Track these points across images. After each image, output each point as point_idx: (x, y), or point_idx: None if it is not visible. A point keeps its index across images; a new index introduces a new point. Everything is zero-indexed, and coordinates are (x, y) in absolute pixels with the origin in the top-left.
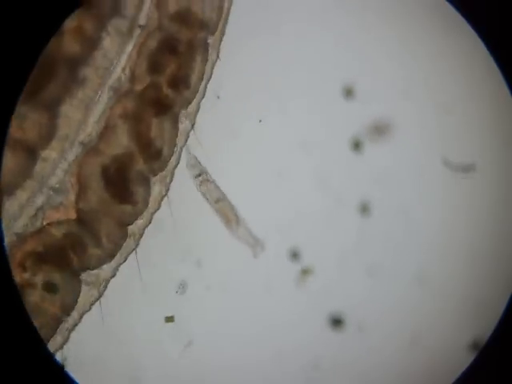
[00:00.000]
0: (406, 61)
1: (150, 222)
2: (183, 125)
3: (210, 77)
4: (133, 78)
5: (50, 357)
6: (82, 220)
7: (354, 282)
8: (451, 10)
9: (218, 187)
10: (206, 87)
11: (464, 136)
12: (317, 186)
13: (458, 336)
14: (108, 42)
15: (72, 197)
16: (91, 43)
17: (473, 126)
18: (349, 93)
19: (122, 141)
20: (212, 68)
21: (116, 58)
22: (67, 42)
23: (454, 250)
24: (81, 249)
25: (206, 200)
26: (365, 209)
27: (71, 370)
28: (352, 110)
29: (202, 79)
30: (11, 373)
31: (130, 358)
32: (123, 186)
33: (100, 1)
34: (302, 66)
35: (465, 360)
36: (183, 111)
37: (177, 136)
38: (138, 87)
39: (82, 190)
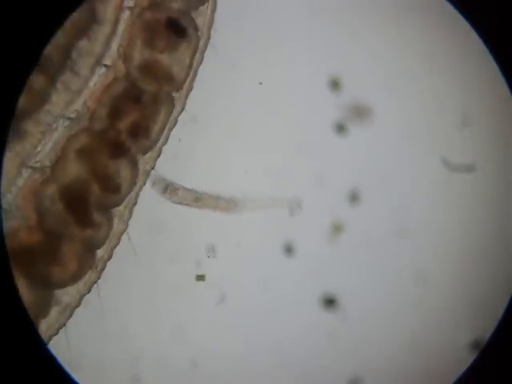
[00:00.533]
0: (405, 60)
1: (110, 257)
2: (143, 167)
3: (175, 125)
4: (93, 117)
5: (50, 357)
6: (47, 238)
7: (353, 282)
8: (451, 9)
9: (188, 189)
10: (169, 134)
11: (463, 136)
12: (313, 184)
13: (458, 336)
14: (55, 99)
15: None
16: (38, 99)
17: (473, 125)
18: (335, 85)
19: (77, 171)
20: (177, 117)
21: (60, 116)
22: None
23: (453, 250)
24: (47, 261)
25: (187, 206)
26: (355, 199)
27: (71, 370)
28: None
29: (164, 129)
30: (12, 374)
31: (130, 358)
32: (83, 209)
33: (52, 57)
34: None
35: (465, 360)
36: (142, 157)
37: (137, 176)
38: (97, 127)
39: (40, 214)
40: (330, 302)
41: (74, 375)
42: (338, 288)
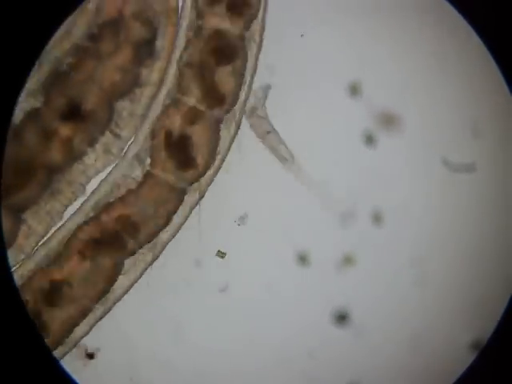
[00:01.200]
0: (405, 60)
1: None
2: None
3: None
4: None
5: (51, 357)
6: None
7: (354, 281)
8: (451, 9)
9: (266, 120)
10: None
11: (464, 136)
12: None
13: (458, 336)
14: (91, 160)
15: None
16: (74, 157)
17: (473, 126)
18: (354, 90)
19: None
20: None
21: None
22: (52, 148)
23: (454, 250)
24: (134, 229)
25: (257, 137)
26: (374, 217)
27: (71, 371)
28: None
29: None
30: (11, 373)
31: (130, 358)
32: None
33: (96, 115)
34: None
35: (465, 360)
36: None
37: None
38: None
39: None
40: (342, 318)
41: (74, 375)
42: (340, 288)
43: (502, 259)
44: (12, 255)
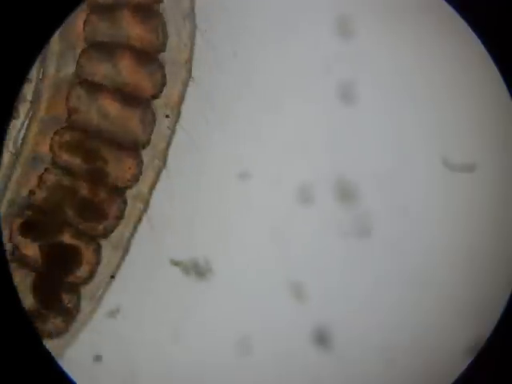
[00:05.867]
0: (405, 61)
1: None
2: None
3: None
4: None
5: (49, 357)
6: None
7: (354, 281)
8: (450, 10)
9: None
10: None
11: (464, 136)
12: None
13: (458, 337)
14: None
15: None
16: None
17: (473, 126)
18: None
19: None
20: None
21: None
22: None
23: (453, 251)
24: None
25: None
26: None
27: (70, 371)
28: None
29: None
30: (10, 372)
31: (129, 359)
32: None
33: None
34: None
35: (464, 361)
36: None
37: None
38: None
39: None
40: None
41: (72, 375)
42: (338, 287)
43: (502, 259)
44: None
